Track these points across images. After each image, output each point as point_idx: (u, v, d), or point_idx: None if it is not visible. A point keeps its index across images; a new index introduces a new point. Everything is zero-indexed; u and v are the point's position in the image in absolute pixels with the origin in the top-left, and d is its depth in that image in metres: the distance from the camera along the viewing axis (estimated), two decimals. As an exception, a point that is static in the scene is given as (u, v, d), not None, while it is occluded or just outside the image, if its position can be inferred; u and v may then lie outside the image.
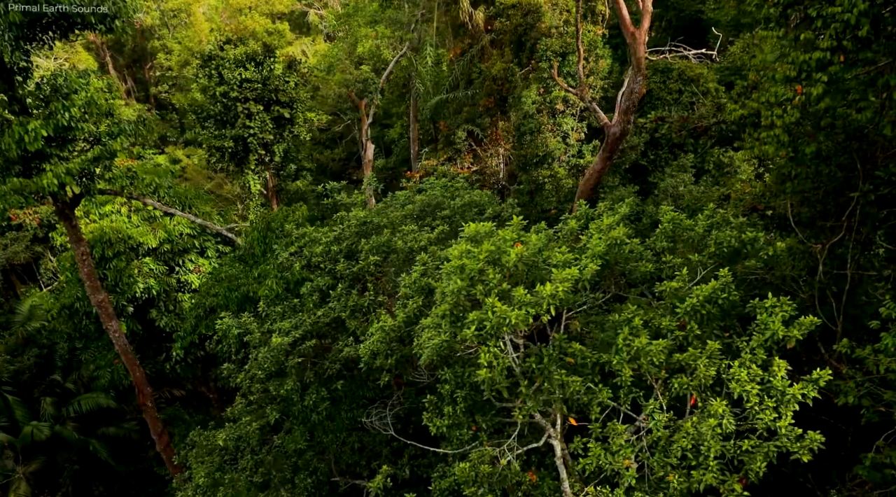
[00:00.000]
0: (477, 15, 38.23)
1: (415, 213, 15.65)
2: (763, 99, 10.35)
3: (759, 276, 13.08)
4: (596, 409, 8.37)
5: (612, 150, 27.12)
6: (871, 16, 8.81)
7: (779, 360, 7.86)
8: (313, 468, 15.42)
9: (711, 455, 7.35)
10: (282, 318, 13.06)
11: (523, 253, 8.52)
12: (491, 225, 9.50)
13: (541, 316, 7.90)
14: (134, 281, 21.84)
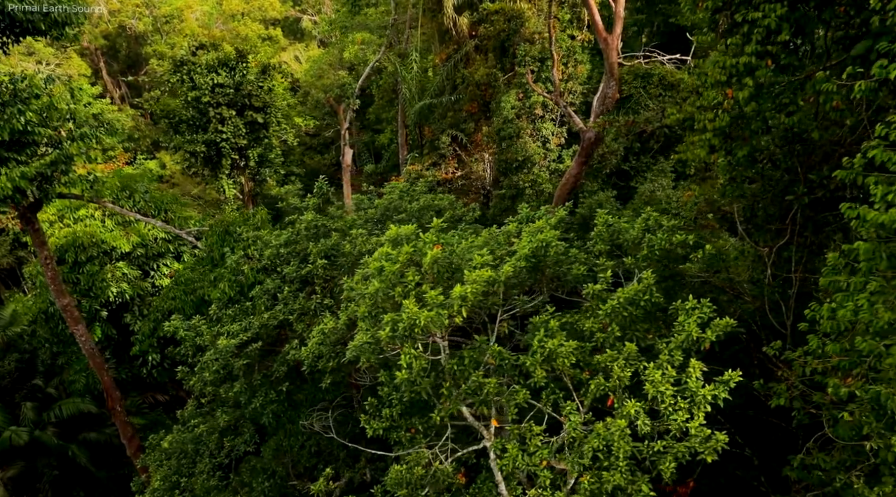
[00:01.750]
0: (461, 21, 38.41)
1: (376, 217, 15.74)
2: (699, 103, 10.44)
3: (704, 279, 13.16)
4: (512, 410, 8.42)
5: (587, 155, 27.18)
6: (793, 21, 8.91)
7: (694, 362, 7.92)
8: (271, 471, 15.46)
9: (621, 456, 7.39)
10: (233, 321, 13.13)
11: (438, 255, 8.59)
12: (413, 228, 9.58)
13: (453, 317, 7.96)
14: (107, 285, 21.92)
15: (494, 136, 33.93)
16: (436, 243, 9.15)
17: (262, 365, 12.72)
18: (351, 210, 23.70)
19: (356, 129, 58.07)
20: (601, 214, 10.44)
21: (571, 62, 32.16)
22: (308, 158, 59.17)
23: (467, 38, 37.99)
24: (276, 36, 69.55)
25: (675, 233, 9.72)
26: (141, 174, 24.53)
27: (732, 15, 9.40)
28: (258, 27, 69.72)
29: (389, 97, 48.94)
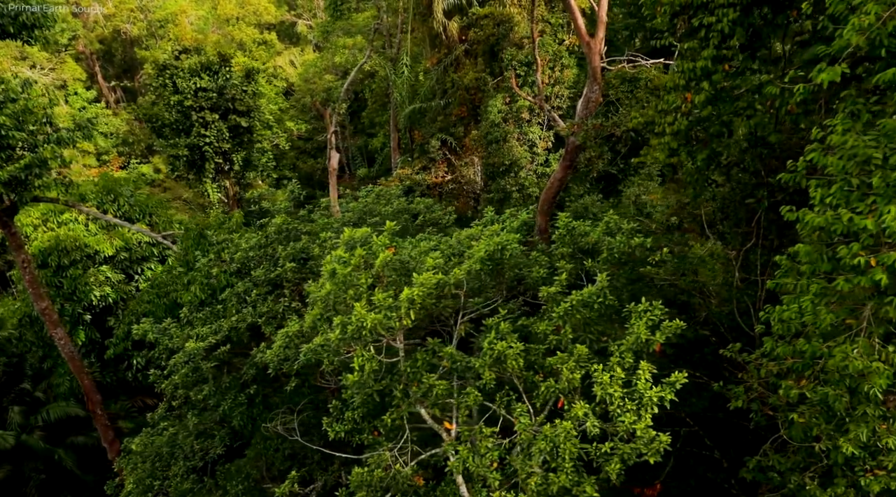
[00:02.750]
0: (451, 25, 38.53)
1: (353, 221, 15.81)
2: (661, 106, 10.52)
3: (672, 282, 13.22)
4: (463, 412, 8.47)
5: (572, 159, 27.25)
6: (747, 25, 8.99)
7: (644, 364, 7.96)
8: (246, 474, 15.48)
9: (567, 457, 7.43)
10: (204, 323, 13.18)
11: (389, 258, 8.65)
12: (367, 231, 9.64)
13: (402, 319, 8.01)
14: (90, 289, 21.96)
15: (482, 140, 34.07)
16: (388, 246, 9.22)
17: (232, 367, 12.75)
18: (337, 214, 23.79)
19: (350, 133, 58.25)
20: (562, 217, 10.51)
21: (558, 66, 32.28)
22: (301, 162, 59.26)
23: (457, 42, 38.15)
24: (271, 40, 69.66)
25: (634, 236, 9.78)
26: (126, 178, 24.57)
27: (690, 19, 9.49)
28: (253, 31, 69.84)
29: (382, 101, 49.14)
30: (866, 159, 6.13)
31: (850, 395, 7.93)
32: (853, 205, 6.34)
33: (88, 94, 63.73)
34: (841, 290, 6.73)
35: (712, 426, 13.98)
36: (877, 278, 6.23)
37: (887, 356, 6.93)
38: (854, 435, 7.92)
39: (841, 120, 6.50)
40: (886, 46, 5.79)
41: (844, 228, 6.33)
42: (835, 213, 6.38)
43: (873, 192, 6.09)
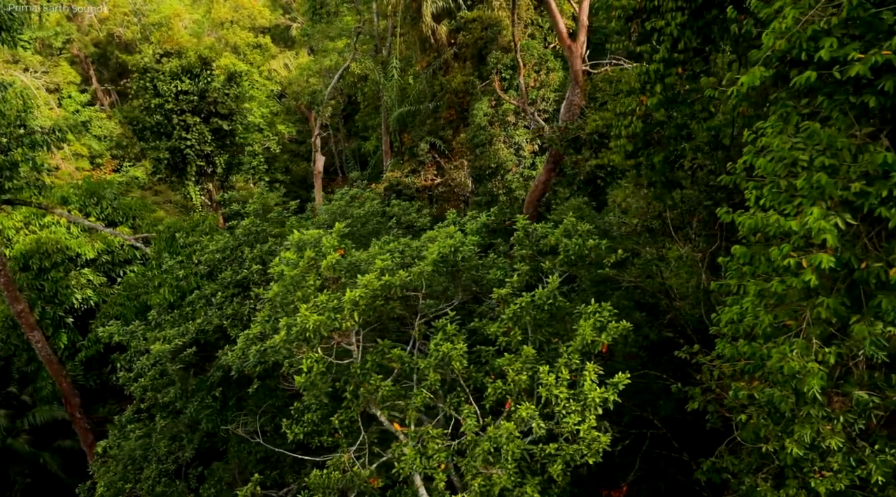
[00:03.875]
0: (440, 29, 38.66)
1: (326, 223, 15.86)
2: (619, 109, 10.58)
3: (636, 284, 13.26)
4: (412, 413, 8.50)
5: (555, 162, 27.31)
6: (696, 29, 9.05)
7: (590, 365, 8.00)
8: (218, 477, 15.48)
9: (509, 458, 7.46)
10: (172, 326, 13.21)
11: (336, 260, 8.70)
12: (317, 233, 9.69)
13: (345, 321, 8.05)
14: (71, 292, 21.99)
15: (469, 143, 34.14)
16: (337, 248, 9.27)
17: (199, 370, 12.77)
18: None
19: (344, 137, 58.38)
20: (520, 220, 10.56)
21: (544, 70, 32.37)
22: (294, 165, 59.32)
23: (446, 45, 38.27)
24: (265, 44, 69.79)
25: (590, 238, 9.83)
26: (110, 181, 24.61)
27: (643, 23, 9.55)
28: (247, 35, 69.96)
29: (374, 104, 49.28)
30: (793, 161, 6.18)
31: (797, 396, 7.96)
32: (782, 206, 6.38)
33: (82, 97, 63.81)
34: (776, 291, 6.77)
35: (681, 428, 14.00)
36: (806, 279, 6.27)
37: (824, 357, 6.97)
38: (798, 436, 7.95)
39: (772, 122, 6.55)
40: (805, 50, 5.86)
41: (776, 230, 6.37)
42: (764, 215, 6.43)
43: (799, 193, 6.13)
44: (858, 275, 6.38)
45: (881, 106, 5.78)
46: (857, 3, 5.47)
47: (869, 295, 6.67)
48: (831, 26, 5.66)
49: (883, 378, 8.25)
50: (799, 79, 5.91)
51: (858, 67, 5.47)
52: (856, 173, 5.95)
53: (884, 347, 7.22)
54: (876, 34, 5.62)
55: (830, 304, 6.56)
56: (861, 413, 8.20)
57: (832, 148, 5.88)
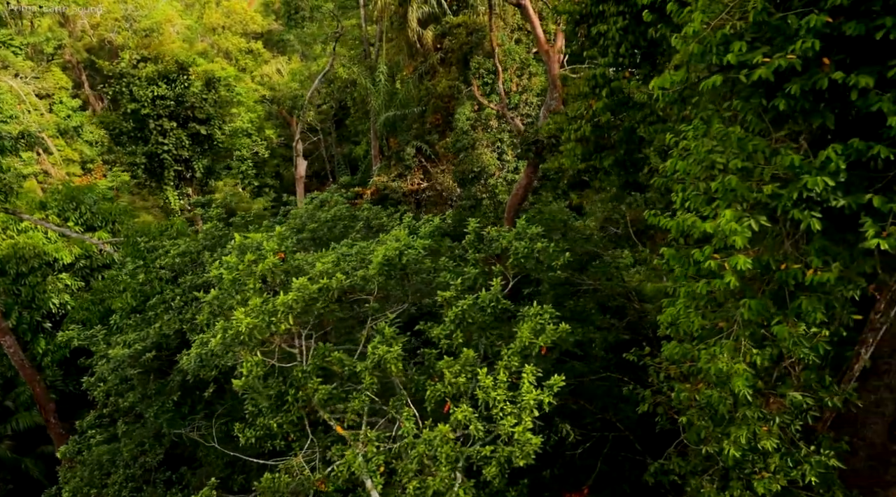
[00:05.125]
0: (426, 34, 38.81)
1: (295, 227, 15.90)
2: (570, 113, 10.64)
3: (596, 286, 13.30)
4: (350, 416, 8.52)
5: (536, 166, 27.38)
6: (638, 33, 9.11)
7: (528, 368, 8.02)
8: (186, 482, 15.45)
9: (444, 461, 7.47)
10: (134, 330, 13.21)
11: (274, 263, 8.74)
12: (260, 236, 9.74)
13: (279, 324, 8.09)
14: (49, 297, 21.99)
15: (452, 148, 34.26)
16: (278, 252, 9.31)
17: (162, 374, 12.78)
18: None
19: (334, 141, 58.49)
20: (472, 223, 10.60)
21: (526, 74, 32.52)
22: (285, 170, 59.38)
23: (432, 50, 38.42)
24: (257, 49, 69.89)
25: (538, 241, 9.87)
26: (89, 186, 24.65)
27: (589, 28, 9.62)
28: (239, 40, 70.07)
29: (364, 109, 49.44)
30: (710, 164, 6.23)
31: (735, 398, 7.99)
32: (701, 209, 6.43)
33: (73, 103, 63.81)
34: (702, 292, 6.81)
35: (645, 431, 14.00)
36: (727, 281, 6.31)
37: (752, 358, 7.00)
38: (734, 437, 7.98)
39: (694, 125, 6.60)
40: (716, 54, 5.91)
41: (696, 232, 6.42)
42: (685, 218, 6.48)
43: (715, 196, 6.19)
44: (778, 276, 6.43)
45: (791, 109, 5.83)
46: (763, 8, 5.54)
47: (793, 296, 6.72)
48: (738, 30, 5.72)
49: (817, 379, 8.29)
50: (706, 83, 5.97)
51: (762, 71, 5.53)
52: (769, 176, 6.00)
53: (815, 349, 7.28)
54: (784, 38, 5.68)
55: (753, 305, 6.60)
56: (798, 414, 8.23)
57: (745, 151, 5.94)
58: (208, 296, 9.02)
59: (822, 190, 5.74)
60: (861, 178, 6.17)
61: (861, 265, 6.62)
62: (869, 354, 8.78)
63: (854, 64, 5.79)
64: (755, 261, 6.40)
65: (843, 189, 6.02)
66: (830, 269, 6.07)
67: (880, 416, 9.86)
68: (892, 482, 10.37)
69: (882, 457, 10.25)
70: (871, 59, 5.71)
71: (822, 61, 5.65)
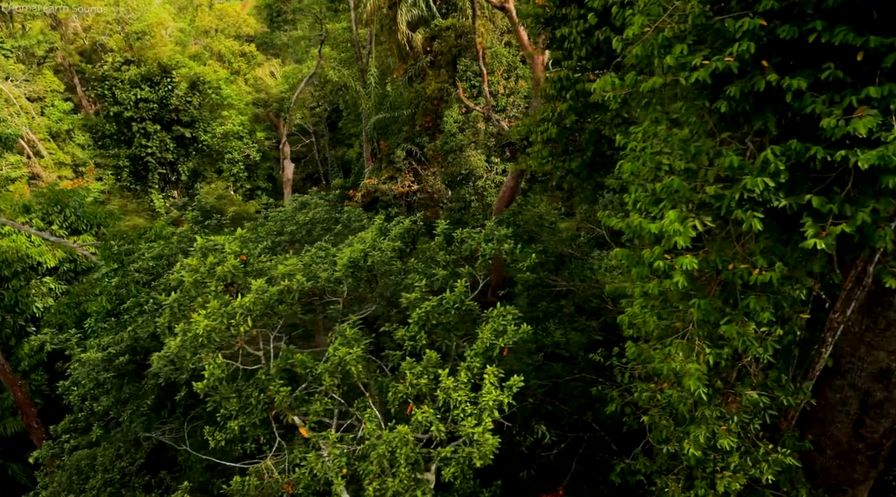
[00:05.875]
0: (415, 37, 38.90)
1: (274, 230, 15.93)
2: (539, 115, 10.70)
3: (569, 288, 13.35)
4: (312, 417, 8.55)
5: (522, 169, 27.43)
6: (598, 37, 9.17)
7: (490, 368, 8.07)
8: (166, 486, 15.45)
9: (403, 462, 7.51)
10: (109, 333, 13.23)
11: (233, 266, 8.78)
12: (223, 238, 9.77)
13: (238, 326, 8.12)
14: (33, 300, 21.95)
15: (441, 150, 34.32)
16: (240, 254, 9.35)
17: (137, 377, 12.78)
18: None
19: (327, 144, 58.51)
20: (441, 225, 10.65)
21: (513, 77, 32.61)
22: (277, 173, 59.36)
23: (422, 53, 38.53)
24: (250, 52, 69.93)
25: (505, 242, 9.92)
26: (74, 190, 24.61)
27: (553, 31, 9.69)
28: (232, 43, 70.09)
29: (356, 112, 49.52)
30: (657, 165, 6.29)
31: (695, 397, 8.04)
32: (649, 209, 6.49)
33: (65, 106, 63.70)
34: (654, 293, 6.87)
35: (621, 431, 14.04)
36: (675, 280, 6.37)
37: (705, 357, 7.06)
38: (693, 436, 8.03)
39: (644, 127, 6.67)
40: (658, 56, 5.98)
41: (645, 233, 6.47)
42: (633, 218, 6.53)
43: (661, 196, 6.24)
44: (725, 276, 6.49)
45: (733, 111, 5.90)
46: (701, 12, 5.60)
47: (743, 296, 6.78)
48: (680, 33, 5.78)
49: (775, 377, 8.35)
50: (645, 85, 6.03)
51: (700, 73, 5.59)
52: (713, 177, 6.06)
53: (765, 348, 7.35)
54: (724, 41, 5.75)
55: (702, 305, 6.66)
56: (756, 413, 8.29)
57: (688, 152, 6.00)
58: (169, 299, 9.06)
59: (763, 190, 5.80)
60: (805, 179, 6.24)
61: (810, 265, 6.69)
62: (829, 353, 8.84)
63: (793, 66, 5.87)
64: (703, 261, 6.47)
65: (785, 190, 6.09)
66: (774, 269, 6.12)
67: (845, 415, 9.92)
68: (859, 480, 10.44)
69: (848, 455, 10.31)
70: (809, 61, 5.78)
71: (762, 64, 5.72)
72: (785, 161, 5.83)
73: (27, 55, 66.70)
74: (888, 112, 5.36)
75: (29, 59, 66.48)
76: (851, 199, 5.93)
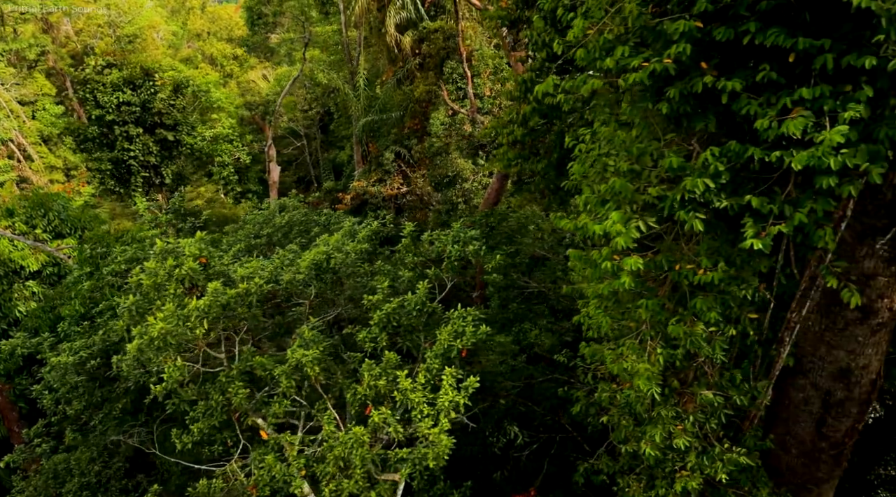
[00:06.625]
0: (404, 40, 38.97)
1: (252, 233, 15.95)
2: (506, 117, 10.75)
3: (539, 289, 13.38)
4: (271, 419, 8.57)
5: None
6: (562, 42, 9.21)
7: (448, 370, 8.10)
8: (143, 490, 15.42)
9: (358, 463, 7.54)
10: (82, 337, 13.21)
11: (192, 268, 8.80)
12: (186, 241, 9.79)
13: (195, 329, 8.14)
14: (15, 304, 21.86)
15: (427, 152, 34.38)
16: (199, 257, 9.37)
17: (111, 381, 12.76)
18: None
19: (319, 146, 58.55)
20: (408, 227, 10.69)
21: (500, 79, 32.71)
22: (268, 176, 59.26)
23: (410, 56, 38.61)
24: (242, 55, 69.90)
25: (470, 244, 9.96)
26: (57, 193, 24.56)
27: (518, 33, 9.75)
28: (224, 46, 70.07)
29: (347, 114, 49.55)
30: (604, 167, 6.34)
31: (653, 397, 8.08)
32: (596, 210, 6.54)
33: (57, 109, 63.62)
34: (604, 293, 6.91)
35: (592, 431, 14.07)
36: (622, 281, 6.41)
37: (655, 358, 7.10)
38: (649, 436, 8.07)
39: (593, 130, 6.71)
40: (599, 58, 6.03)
41: (593, 234, 6.51)
42: (580, 219, 6.58)
43: (606, 197, 6.29)
44: (672, 276, 6.53)
45: (675, 112, 5.95)
46: (639, 14, 5.65)
47: (692, 295, 6.83)
48: (622, 35, 5.83)
49: (729, 377, 8.40)
50: (585, 87, 6.09)
51: (639, 75, 5.64)
52: (657, 178, 6.11)
53: (718, 348, 7.40)
54: (664, 43, 5.80)
55: (650, 305, 6.70)
56: (713, 413, 8.34)
57: (631, 153, 6.05)
58: (127, 302, 9.08)
59: (704, 191, 5.85)
60: (748, 179, 6.30)
61: (756, 265, 6.75)
62: (787, 353, 8.89)
63: (733, 68, 5.92)
64: (650, 261, 6.51)
65: (729, 190, 6.14)
66: (717, 269, 6.17)
67: (808, 414, 9.97)
68: (824, 478, 10.49)
69: (813, 454, 10.36)
70: (748, 63, 5.83)
71: (701, 65, 5.78)
72: (725, 162, 5.89)
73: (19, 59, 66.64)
74: (822, 113, 5.41)
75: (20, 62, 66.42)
76: (792, 200, 5.99)
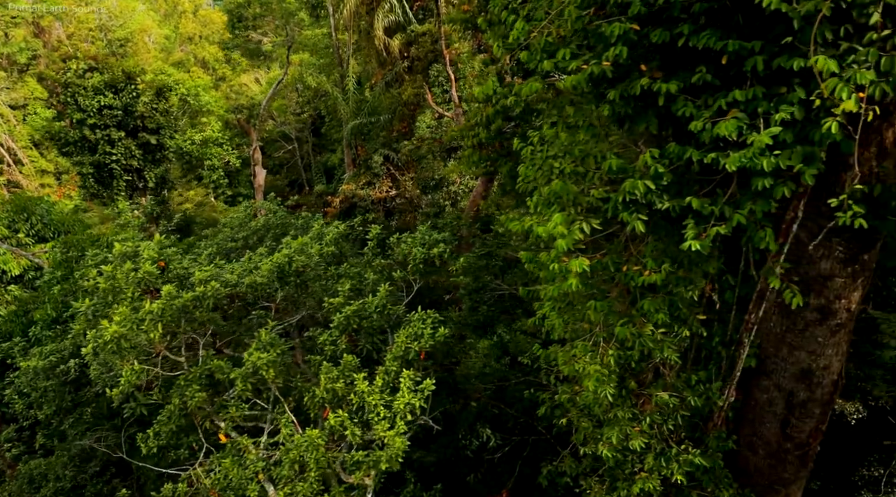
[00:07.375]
0: (392, 43, 39.02)
1: (229, 237, 15.92)
2: (471, 120, 10.77)
3: (508, 290, 13.41)
4: (228, 423, 8.56)
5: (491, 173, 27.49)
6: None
7: (406, 372, 8.10)
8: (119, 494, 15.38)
9: (313, 466, 7.52)
10: (53, 341, 13.17)
11: (149, 272, 8.80)
12: (145, 244, 9.79)
13: (149, 333, 8.14)
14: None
15: (414, 155, 34.40)
16: (158, 260, 9.36)
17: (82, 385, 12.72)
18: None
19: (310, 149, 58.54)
20: (374, 229, 10.69)
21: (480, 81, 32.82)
22: (260, 179, 59.07)
23: (399, 59, 38.66)
24: (235, 58, 69.84)
25: (435, 246, 9.98)
26: (40, 197, 24.52)
27: (480, 35, 9.77)
28: (216, 50, 70.07)
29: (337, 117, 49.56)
30: (550, 169, 6.36)
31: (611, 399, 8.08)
32: (543, 212, 6.55)
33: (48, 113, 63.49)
34: (555, 295, 6.93)
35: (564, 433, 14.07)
36: (569, 282, 6.42)
37: (607, 359, 7.11)
38: (606, 437, 8.07)
39: (540, 132, 6.73)
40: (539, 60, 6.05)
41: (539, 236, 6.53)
42: (526, 221, 6.59)
43: (549, 199, 6.31)
44: (619, 278, 6.55)
45: (616, 114, 5.97)
46: (577, 16, 5.68)
47: (643, 297, 6.84)
48: (564, 37, 5.85)
49: (685, 379, 8.41)
50: (525, 89, 6.11)
51: (577, 77, 5.67)
52: (601, 180, 6.13)
53: (667, 349, 7.40)
54: (605, 46, 5.82)
55: (598, 307, 6.72)
56: (670, 414, 8.34)
57: (574, 155, 6.07)
58: (83, 305, 9.06)
59: (646, 193, 5.87)
60: (693, 181, 6.32)
61: (704, 266, 6.76)
62: (746, 354, 8.90)
63: (674, 70, 5.95)
64: (598, 262, 6.53)
65: (672, 192, 6.16)
66: (661, 270, 6.19)
67: (773, 415, 9.98)
68: (790, 479, 10.50)
69: (779, 454, 10.37)
70: (687, 66, 5.86)
71: (640, 68, 5.80)
72: (667, 164, 5.91)
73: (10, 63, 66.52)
74: (757, 115, 5.44)
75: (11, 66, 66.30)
76: (734, 202, 6.01)
